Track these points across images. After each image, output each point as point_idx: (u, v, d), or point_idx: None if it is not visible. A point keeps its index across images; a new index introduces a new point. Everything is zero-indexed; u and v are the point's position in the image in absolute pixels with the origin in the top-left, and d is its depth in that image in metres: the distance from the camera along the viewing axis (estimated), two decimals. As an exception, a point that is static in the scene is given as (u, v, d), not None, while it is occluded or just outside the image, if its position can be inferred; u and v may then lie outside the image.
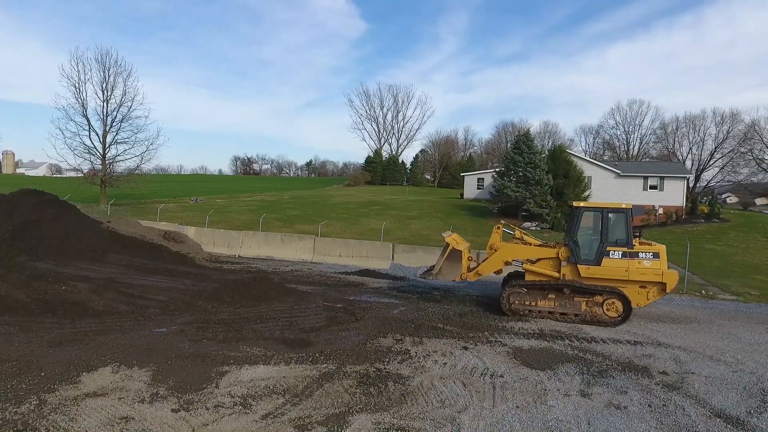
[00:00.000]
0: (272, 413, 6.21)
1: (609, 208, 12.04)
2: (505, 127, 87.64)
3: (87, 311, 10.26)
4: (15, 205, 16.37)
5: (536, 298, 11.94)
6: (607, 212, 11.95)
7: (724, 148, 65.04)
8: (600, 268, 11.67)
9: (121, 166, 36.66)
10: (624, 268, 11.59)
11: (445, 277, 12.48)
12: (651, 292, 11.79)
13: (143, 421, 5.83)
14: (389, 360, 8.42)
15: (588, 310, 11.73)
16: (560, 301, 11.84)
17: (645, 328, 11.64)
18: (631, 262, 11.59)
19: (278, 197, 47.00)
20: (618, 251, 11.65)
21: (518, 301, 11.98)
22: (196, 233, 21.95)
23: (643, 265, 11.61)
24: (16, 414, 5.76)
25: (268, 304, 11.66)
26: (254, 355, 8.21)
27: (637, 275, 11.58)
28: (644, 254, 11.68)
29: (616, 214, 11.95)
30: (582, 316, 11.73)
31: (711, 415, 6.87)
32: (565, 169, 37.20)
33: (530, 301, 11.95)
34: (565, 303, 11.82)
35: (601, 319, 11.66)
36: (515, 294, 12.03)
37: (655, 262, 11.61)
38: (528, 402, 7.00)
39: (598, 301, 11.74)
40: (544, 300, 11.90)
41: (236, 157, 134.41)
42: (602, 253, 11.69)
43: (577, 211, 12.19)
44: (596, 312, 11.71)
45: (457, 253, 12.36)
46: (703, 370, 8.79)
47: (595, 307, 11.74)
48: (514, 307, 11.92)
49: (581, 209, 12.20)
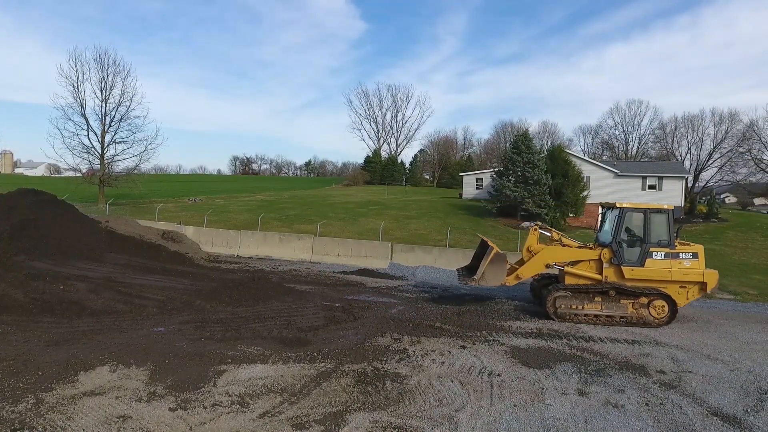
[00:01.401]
0: (270, 412, 6.21)
1: (652, 209, 12.00)
2: (504, 127, 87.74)
3: (85, 310, 10.24)
4: (13, 204, 16.36)
5: (582, 301, 11.66)
6: (650, 213, 11.90)
7: (723, 148, 65.14)
8: (644, 270, 11.62)
9: (119, 166, 36.60)
10: (667, 268, 11.62)
11: (488, 283, 11.72)
12: (691, 292, 11.85)
13: (141, 419, 5.83)
14: (387, 359, 8.43)
15: (635, 312, 11.62)
16: (606, 304, 11.63)
17: (643, 328, 11.65)
18: (673, 263, 11.63)
19: (277, 197, 46.98)
20: (661, 252, 11.66)
21: (564, 305, 11.62)
22: (194, 233, 21.95)
23: (684, 266, 11.65)
24: (13, 413, 5.75)
25: (267, 304, 11.66)
26: (252, 354, 8.21)
27: (680, 276, 11.63)
28: (684, 254, 11.73)
29: (659, 215, 11.92)
30: (628, 318, 11.59)
31: (708, 414, 6.88)
32: (564, 168, 37.23)
33: (576, 304, 11.64)
34: (612, 306, 11.64)
35: (647, 320, 11.58)
36: (561, 298, 11.65)
37: (695, 262, 11.70)
38: (525, 401, 7.01)
39: (643, 302, 11.65)
40: (591, 303, 11.64)
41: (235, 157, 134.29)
42: (646, 254, 11.65)
43: (620, 212, 12.00)
44: (643, 314, 11.61)
45: (500, 257, 11.75)
46: (701, 368, 8.81)
47: (642, 309, 11.63)
48: (561, 312, 11.57)
49: (624, 210, 12.00)
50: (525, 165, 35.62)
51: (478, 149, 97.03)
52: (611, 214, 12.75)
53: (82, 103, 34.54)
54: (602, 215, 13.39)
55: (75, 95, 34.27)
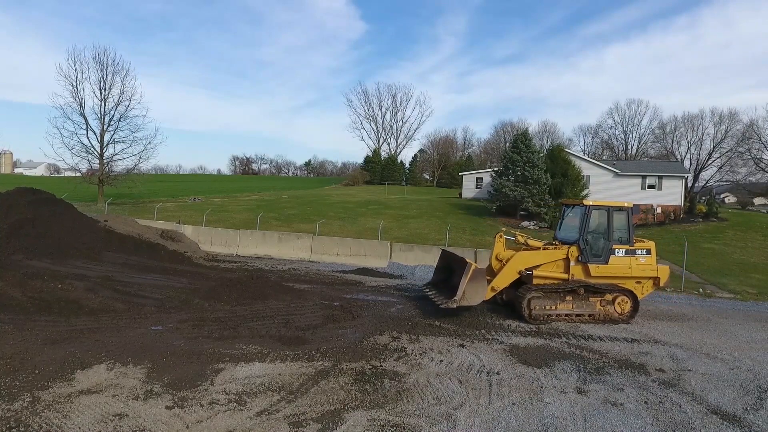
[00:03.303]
0: (267, 410, 6.19)
1: (615, 207, 12.10)
2: (503, 127, 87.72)
3: (82, 309, 10.20)
4: (11, 203, 16.30)
5: (555, 301, 11.61)
6: (613, 211, 12.01)
7: (723, 148, 65.16)
8: (608, 267, 11.73)
9: (118, 166, 36.54)
10: (627, 265, 11.80)
11: (469, 302, 10.83)
12: (645, 287, 12.09)
13: (137, 418, 5.80)
14: (385, 357, 8.40)
15: (602, 309, 11.72)
16: (576, 302, 11.66)
17: (642, 326, 11.64)
18: (632, 259, 11.82)
19: (276, 197, 46.94)
20: (622, 249, 11.81)
21: (539, 306, 11.47)
22: (193, 232, 21.90)
23: (640, 262, 11.87)
24: (9, 411, 5.72)
25: (265, 302, 11.63)
26: (250, 353, 8.18)
27: (638, 271, 11.85)
28: (640, 251, 11.95)
29: (620, 213, 12.07)
30: (596, 316, 11.67)
31: (707, 412, 6.86)
32: (564, 168, 37.22)
33: (550, 305, 11.55)
34: (582, 304, 11.68)
35: (613, 317, 11.69)
36: (535, 299, 11.47)
37: (649, 258, 11.93)
38: (524, 399, 6.98)
39: (609, 299, 11.78)
40: (563, 303, 11.63)
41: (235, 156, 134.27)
42: (610, 252, 11.76)
43: (586, 209, 12.05)
44: (609, 310, 11.73)
45: (480, 272, 11.04)
46: (700, 367, 8.79)
47: (608, 306, 11.75)
48: (535, 313, 11.39)
49: (590, 208, 12.06)
50: (525, 164, 35.60)
51: (477, 149, 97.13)
52: (574, 212, 12.82)
53: (81, 103, 34.51)
54: (563, 213, 13.45)
55: (74, 94, 34.24)
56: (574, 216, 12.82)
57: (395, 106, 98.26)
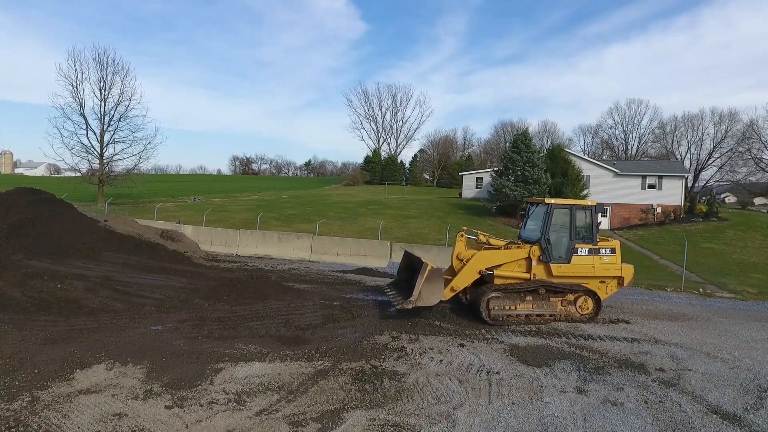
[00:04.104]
0: (266, 410, 6.18)
1: (577, 205, 11.92)
2: (503, 127, 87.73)
3: (82, 309, 10.20)
4: (11, 203, 16.29)
5: (515, 301, 11.32)
6: (576, 209, 11.80)
7: (723, 148, 65.18)
8: (570, 266, 11.54)
9: (118, 166, 36.59)
10: (590, 264, 11.63)
11: (425, 303, 10.53)
12: (609, 286, 11.92)
13: (136, 417, 5.79)
14: (385, 357, 8.39)
15: (563, 309, 11.52)
16: (537, 302, 11.42)
17: (642, 326, 11.63)
18: (595, 259, 11.65)
19: (276, 197, 46.95)
20: (585, 248, 11.64)
21: (498, 306, 11.17)
22: (193, 232, 21.90)
23: (605, 261, 11.68)
24: (8, 411, 5.72)
25: (265, 302, 11.62)
26: (249, 353, 8.18)
27: (601, 271, 11.67)
28: (604, 250, 11.75)
29: (583, 211, 11.87)
30: (557, 316, 11.46)
31: (707, 412, 6.85)
32: (564, 168, 37.24)
33: (509, 305, 11.27)
34: (542, 304, 11.44)
35: (575, 317, 11.51)
36: (494, 299, 11.18)
37: (613, 257, 11.74)
38: (524, 398, 6.97)
39: (570, 299, 11.59)
40: (523, 303, 11.36)
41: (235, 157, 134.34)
42: (572, 251, 11.57)
43: (548, 208, 11.82)
44: (570, 311, 11.54)
45: (436, 273, 10.72)
46: (700, 366, 8.78)
47: (569, 306, 11.57)
48: (494, 314, 11.11)
49: (552, 206, 11.83)
50: (525, 164, 35.60)
51: (477, 149, 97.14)
52: (537, 211, 12.55)
53: (81, 103, 34.58)
54: (527, 211, 13.22)
55: (74, 94, 34.31)
56: (537, 215, 12.55)
57: (395, 106, 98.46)
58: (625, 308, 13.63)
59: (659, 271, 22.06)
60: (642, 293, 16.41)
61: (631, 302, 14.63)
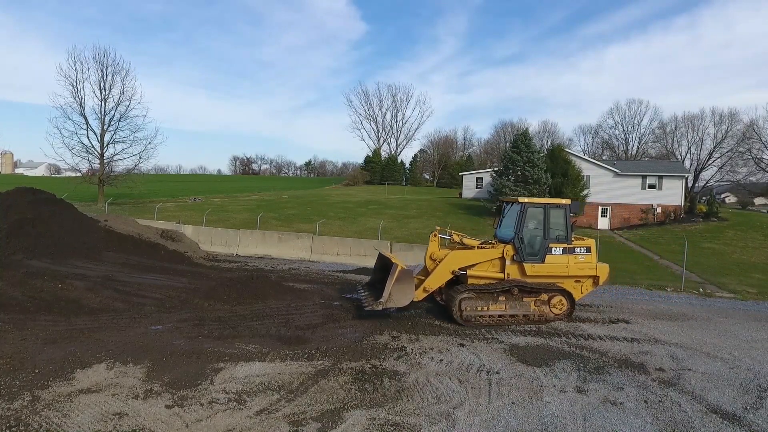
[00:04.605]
0: (266, 409, 6.19)
1: (551, 204, 11.77)
2: (504, 127, 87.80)
3: (83, 309, 10.21)
4: (11, 203, 16.29)
5: (487, 302, 11.12)
6: (550, 208, 11.65)
7: (723, 148, 65.14)
8: (544, 266, 11.39)
9: (119, 166, 36.61)
10: (565, 263, 11.48)
11: (396, 304, 10.42)
12: (585, 286, 11.78)
13: (137, 417, 5.80)
14: (385, 357, 8.40)
15: (536, 309, 11.38)
16: (510, 303, 11.26)
17: (642, 326, 11.63)
18: (570, 258, 11.50)
19: (277, 197, 46.96)
20: (559, 247, 11.49)
21: (470, 307, 10.96)
22: (193, 232, 21.90)
23: (579, 260, 11.53)
24: (9, 410, 5.73)
25: (265, 302, 11.63)
26: (250, 352, 8.19)
27: (576, 270, 11.52)
28: (579, 249, 11.60)
29: (557, 210, 11.71)
30: (530, 316, 11.31)
31: (707, 411, 6.86)
32: (564, 168, 37.22)
33: (482, 306, 11.07)
34: (515, 305, 11.29)
35: (549, 317, 11.39)
36: (466, 300, 10.98)
37: (588, 256, 11.58)
38: (524, 398, 6.98)
39: (544, 299, 11.45)
40: (495, 303, 11.16)
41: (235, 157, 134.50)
42: (546, 250, 11.43)
43: (522, 207, 11.65)
44: (544, 311, 11.41)
45: (406, 273, 10.57)
46: (700, 366, 8.78)
47: (543, 306, 11.43)
48: (467, 315, 10.89)
49: (526, 205, 11.67)
50: (525, 164, 35.60)
51: (478, 149, 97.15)
52: (512, 210, 12.39)
53: (82, 103, 34.59)
54: (503, 211, 13.02)
55: (74, 94, 34.33)
56: (512, 214, 12.33)
57: (395, 106, 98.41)
58: (625, 308, 13.64)
59: (659, 271, 22.06)
60: (642, 293, 16.41)
61: (631, 302, 14.64)
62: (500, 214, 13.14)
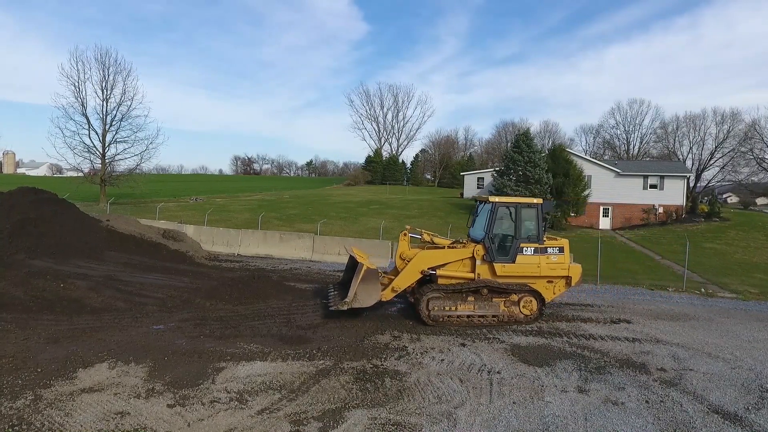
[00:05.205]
0: (268, 408, 6.20)
1: (522, 203, 11.61)
2: (505, 127, 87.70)
3: (85, 308, 10.24)
4: (13, 203, 16.33)
5: (456, 302, 11.03)
6: (521, 207, 11.50)
7: (725, 148, 64.86)
8: (515, 266, 11.24)
9: (120, 166, 36.66)
10: (536, 264, 11.30)
11: (362, 304, 10.33)
12: (557, 287, 11.60)
13: (139, 416, 5.82)
14: (386, 356, 8.41)
15: (506, 310, 11.28)
16: (479, 303, 11.17)
17: (644, 326, 11.62)
18: (541, 258, 11.32)
19: (278, 197, 46.99)
20: (531, 247, 11.33)
21: (438, 306, 10.89)
22: (195, 232, 21.92)
23: (552, 260, 11.36)
24: (12, 409, 5.76)
25: (266, 302, 11.65)
26: (251, 352, 8.20)
27: (547, 271, 11.35)
28: (552, 249, 11.42)
29: (529, 209, 11.56)
30: (500, 317, 11.21)
31: (709, 411, 6.85)
32: (565, 168, 37.18)
33: (450, 305, 10.98)
34: (484, 305, 11.19)
35: (518, 318, 11.28)
36: (434, 299, 10.91)
37: (561, 256, 11.40)
38: (525, 398, 6.98)
39: (514, 300, 11.33)
40: (464, 303, 11.07)
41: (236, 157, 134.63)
42: (517, 250, 11.29)
43: (492, 206, 11.50)
44: (514, 311, 11.30)
45: (372, 273, 10.52)
46: (702, 366, 8.77)
47: (513, 307, 11.33)
48: (434, 314, 10.81)
49: (496, 205, 11.51)
50: (526, 164, 35.58)
51: (479, 149, 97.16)
52: (484, 209, 12.20)
53: (83, 103, 34.63)
54: (476, 209, 12.84)
55: (76, 94, 34.37)
56: (484, 213, 12.13)
57: (397, 106, 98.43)
58: (627, 308, 13.63)
59: (661, 271, 22.04)
60: (643, 293, 16.39)
61: (632, 302, 14.62)
62: (473, 214, 12.91)
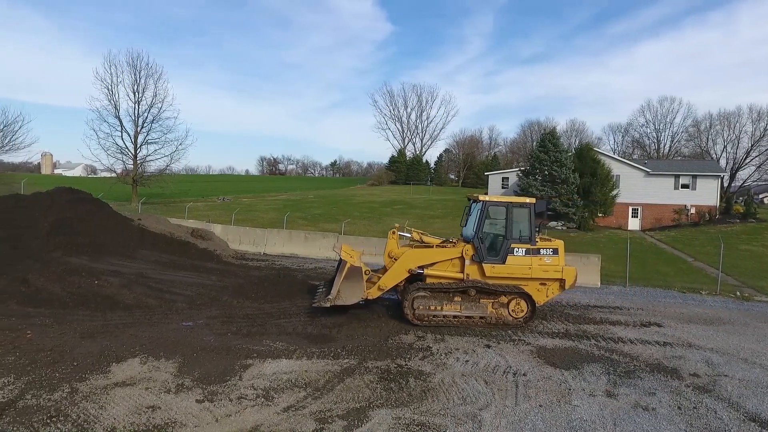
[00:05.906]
0: (293, 406, 6.28)
1: (514, 203, 11.30)
2: (530, 126, 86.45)
3: (118, 305, 10.57)
4: (51, 202, 16.94)
5: (441, 302, 10.85)
6: (513, 207, 11.19)
7: (761, 146, 62.35)
8: (505, 267, 10.96)
9: (151, 166, 37.71)
10: (527, 265, 10.98)
11: (345, 301, 10.36)
12: (550, 289, 11.22)
13: (169, 410, 5.97)
14: (411, 356, 8.41)
15: (494, 312, 11.01)
16: (466, 304, 10.95)
17: (675, 330, 11.30)
18: (533, 260, 11.01)
19: (303, 197, 47.48)
20: (522, 248, 11.01)
21: (423, 306, 10.75)
22: (222, 231, 22.34)
23: (545, 262, 11.03)
24: (50, 401, 5.99)
25: (292, 300, 11.79)
26: (277, 349, 8.32)
27: (540, 273, 11.01)
28: (545, 251, 11.08)
29: (521, 209, 11.24)
30: (488, 318, 10.95)
31: (745, 419, 6.62)
32: (593, 167, 36.43)
33: (435, 305, 10.82)
34: (472, 306, 10.96)
35: (507, 320, 10.99)
36: (420, 299, 10.79)
37: (555, 258, 11.05)
38: (552, 401, 6.88)
39: (503, 301, 11.05)
40: (450, 304, 10.88)
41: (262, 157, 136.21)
42: (507, 251, 11.00)
43: (482, 206, 11.24)
44: (502, 313, 11.02)
45: (355, 271, 10.52)
46: (737, 372, 8.48)
47: (501, 309, 11.05)
48: (419, 314, 10.67)
49: (487, 204, 11.25)
50: (552, 164, 35.03)
51: (504, 148, 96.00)
52: (476, 208, 11.87)
53: (116, 105, 35.80)
54: (469, 208, 12.47)
55: (109, 97, 35.57)
56: (475, 212, 11.81)
57: (420, 106, 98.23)
58: (658, 311, 13.27)
59: (693, 273, 21.36)
60: (675, 296, 15.93)
61: (663, 305, 14.23)
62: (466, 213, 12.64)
